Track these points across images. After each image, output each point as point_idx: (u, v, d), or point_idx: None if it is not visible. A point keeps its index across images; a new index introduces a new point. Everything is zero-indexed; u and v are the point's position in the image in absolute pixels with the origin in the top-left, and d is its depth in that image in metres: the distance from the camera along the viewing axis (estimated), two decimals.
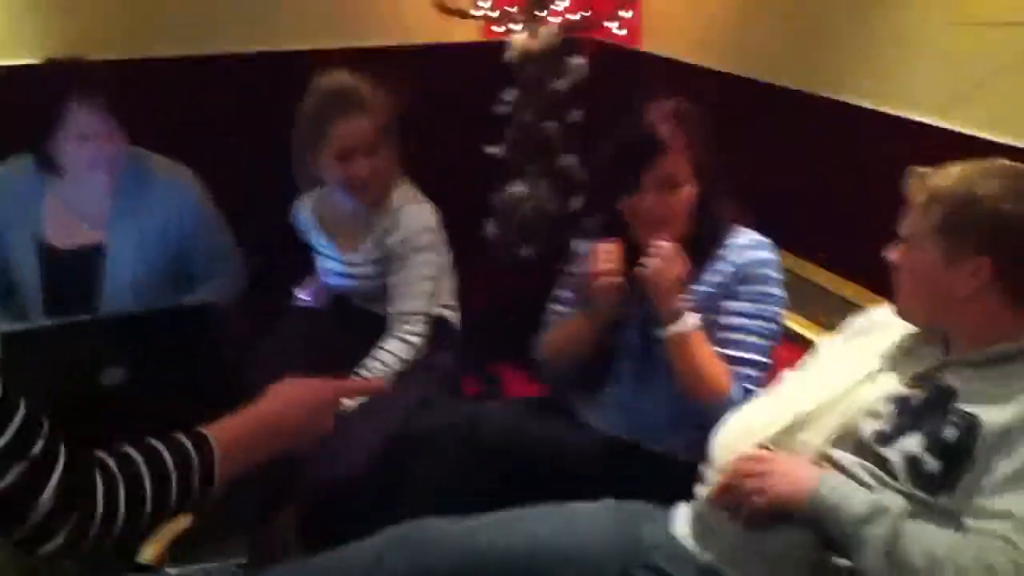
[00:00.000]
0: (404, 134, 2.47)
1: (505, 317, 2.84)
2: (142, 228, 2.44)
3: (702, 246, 2.06)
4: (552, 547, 1.73)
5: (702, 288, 2.04)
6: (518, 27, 3.10)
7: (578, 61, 3.13)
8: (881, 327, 1.79)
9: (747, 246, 2.06)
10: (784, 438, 1.67)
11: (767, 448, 1.66)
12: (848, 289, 2.44)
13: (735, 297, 2.03)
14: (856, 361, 1.75)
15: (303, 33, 3.18)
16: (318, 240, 2.60)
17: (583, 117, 3.20)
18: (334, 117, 2.36)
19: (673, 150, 2.00)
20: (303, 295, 2.65)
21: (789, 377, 1.88)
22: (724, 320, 2.02)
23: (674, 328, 1.97)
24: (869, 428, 1.62)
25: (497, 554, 1.71)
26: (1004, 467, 1.46)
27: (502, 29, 3.18)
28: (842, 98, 2.51)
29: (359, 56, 3.11)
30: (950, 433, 1.52)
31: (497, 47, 3.21)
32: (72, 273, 2.44)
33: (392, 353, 2.38)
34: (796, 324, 2.41)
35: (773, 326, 2.03)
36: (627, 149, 2.04)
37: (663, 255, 1.98)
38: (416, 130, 2.51)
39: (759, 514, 1.59)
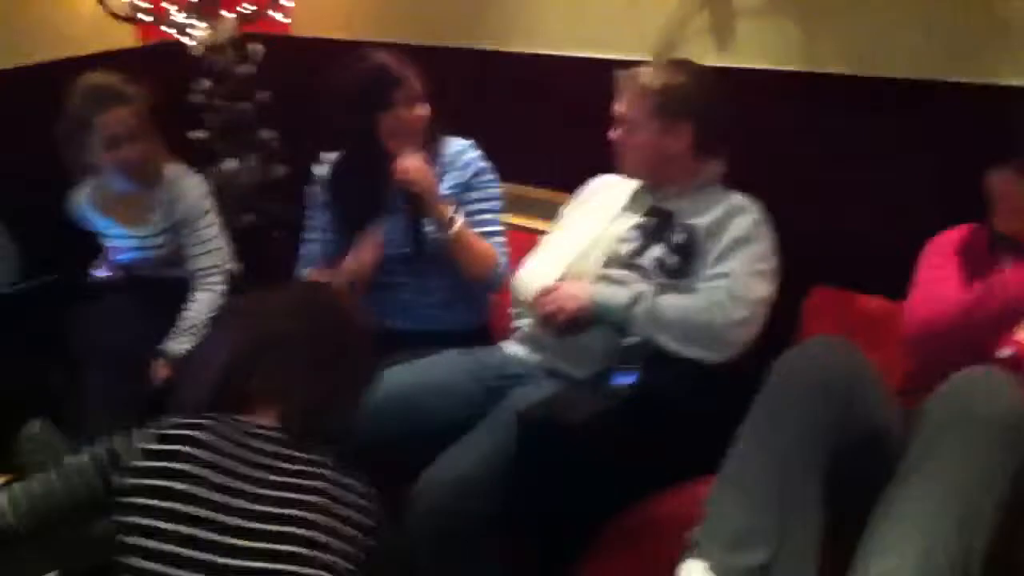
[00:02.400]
0: None
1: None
2: None
3: (435, 156, 2.62)
4: (424, 384, 2.33)
5: (447, 190, 2.59)
6: (201, 24, 3.54)
7: (256, 47, 3.63)
8: (605, 188, 2.57)
9: (463, 151, 2.64)
10: (571, 272, 2.40)
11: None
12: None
13: (473, 190, 2.62)
14: (597, 213, 2.50)
15: None
16: (101, 222, 2.93)
17: (269, 97, 3.70)
18: (99, 111, 2.72)
19: (406, 76, 2.55)
20: (98, 272, 2.97)
21: (548, 238, 2.60)
22: (471, 209, 2.60)
23: (453, 230, 2.52)
24: (624, 249, 2.39)
25: (385, 399, 2.25)
26: (714, 249, 2.28)
27: (173, 31, 3.60)
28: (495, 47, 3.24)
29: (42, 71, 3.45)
30: (679, 238, 2.33)
31: (174, 46, 3.62)
32: None
33: (204, 303, 2.82)
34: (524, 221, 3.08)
35: (499, 205, 2.66)
36: (372, 78, 2.54)
37: (418, 168, 2.48)
38: None
39: (564, 323, 2.30)
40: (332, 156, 2.73)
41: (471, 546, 2.05)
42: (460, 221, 2.54)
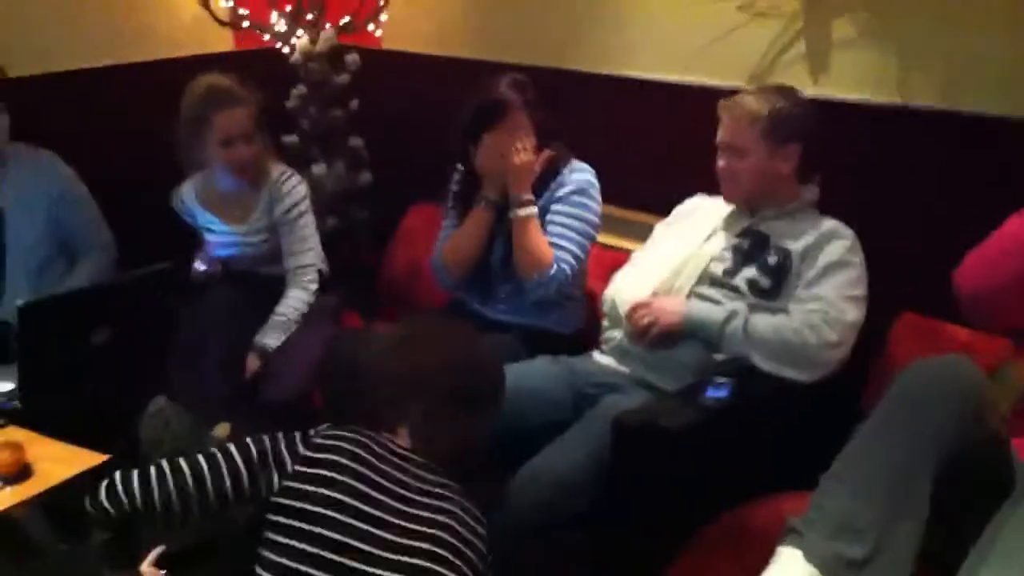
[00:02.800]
0: None
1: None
2: (33, 199, 2.85)
3: (544, 175, 2.74)
4: (517, 386, 2.40)
5: (543, 200, 2.70)
6: (300, 33, 3.66)
7: (352, 58, 3.75)
8: (698, 208, 2.65)
9: (576, 170, 2.75)
10: (662, 289, 2.47)
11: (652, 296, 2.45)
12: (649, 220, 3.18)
13: (562, 202, 2.71)
14: (690, 232, 2.58)
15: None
16: (204, 217, 3.05)
17: (359, 105, 3.81)
18: (217, 110, 2.84)
19: (515, 105, 2.68)
20: (199, 266, 3.08)
21: (638, 255, 2.67)
22: (552, 218, 2.69)
23: (521, 212, 2.63)
24: (718, 268, 2.46)
25: None
26: (808, 273, 2.35)
27: (267, 37, 3.72)
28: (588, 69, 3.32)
29: (144, 69, 3.58)
30: (772, 260, 2.40)
31: (270, 52, 3.74)
32: None
33: (300, 300, 2.92)
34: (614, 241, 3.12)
35: (589, 228, 2.71)
36: (480, 105, 2.70)
37: (526, 148, 2.65)
38: None
39: (656, 337, 2.38)
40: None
41: (564, 543, 2.12)
42: (531, 211, 2.64)
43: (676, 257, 2.52)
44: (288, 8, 3.64)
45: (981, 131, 2.57)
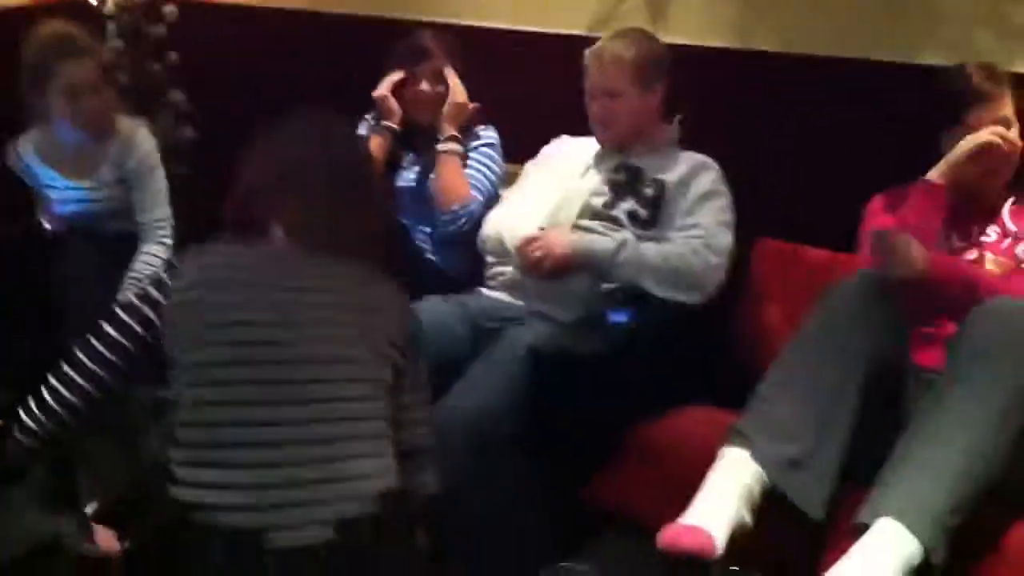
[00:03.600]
0: None
1: None
2: None
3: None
4: None
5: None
6: None
7: (170, 9, 3.60)
8: (565, 148, 2.78)
9: (489, 129, 2.94)
10: (546, 224, 2.57)
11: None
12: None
13: (479, 152, 2.88)
14: (563, 170, 2.70)
15: None
16: (46, 174, 2.87)
17: (179, 59, 3.68)
18: (61, 60, 2.69)
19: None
20: (46, 225, 2.90)
21: (511, 194, 2.76)
22: (470, 163, 2.86)
23: (444, 146, 2.78)
24: (598, 202, 2.58)
25: None
26: (684, 202, 2.52)
27: None
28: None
29: None
30: (649, 192, 2.55)
31: (78, 4, 3.54)
32: None
33: (156, 255, 2.82)
34: None
35: (497, 179, 2.89)
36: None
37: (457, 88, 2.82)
38: None
39: (548, 269, 2.48)
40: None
41: (494, 469, 2.20)
42: (459, 148, 2.82)
43: (554, 193, 2.63)
44: None
45: (814, 71, 2.81)
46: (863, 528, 1.76)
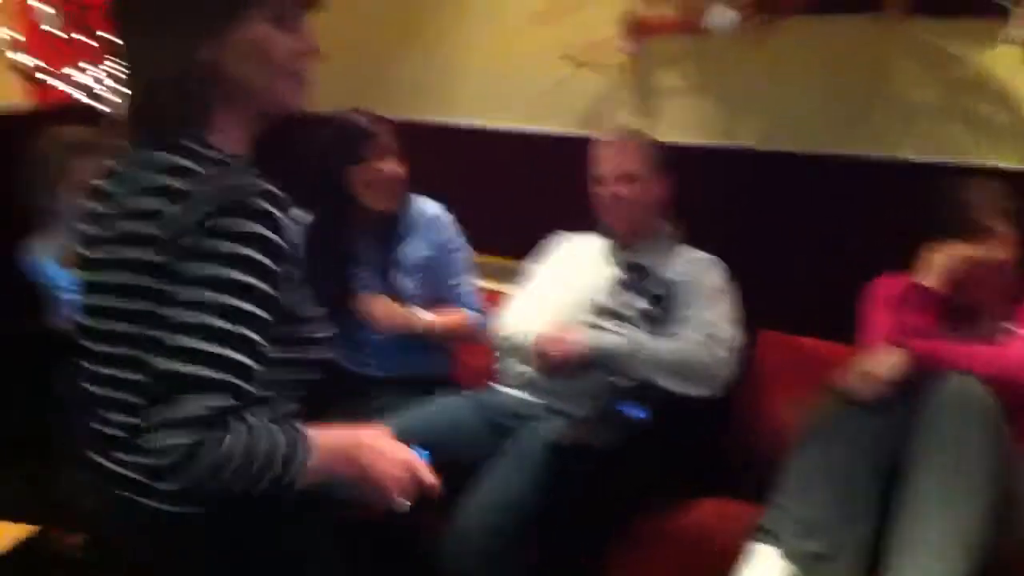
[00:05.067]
0: None
1: None
2: None
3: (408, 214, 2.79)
4: (434, 423, 2.50)
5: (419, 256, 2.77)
6: None
7: None
8: (568, 246, 2.85)
9: (438, 215, 2.81)
10: (558, 322, 2.64)
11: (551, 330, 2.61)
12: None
13: (448, 251, 2.82)
14: (569, 267, 2.77)
15: None
16: (63, 275, 2.84)
17: None
18: (75, 158, 2.72)
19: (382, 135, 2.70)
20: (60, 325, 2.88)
21: (518, 293, 2.82)
22: (447, 271, 2.81)
23: (420, 331, 2.70)
24: (607, 300, 2.66)
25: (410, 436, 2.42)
26: (692, 299, 2.60)
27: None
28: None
29: None
30: (656, 289, 2.63)
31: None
32: None
33: None
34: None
35: (469, 264, 2.86)
36: (350, 134, 2.68)
37: (383, 311, 2.67)
38: None
39: (564, 367, 2.53)
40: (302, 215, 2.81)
41: (512, 562, 2.27)
42: (424, 321, 2.72)
43: (563, 292, 2.70)
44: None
45: (798, 167, 2.93)
46: None
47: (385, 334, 2.70)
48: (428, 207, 2.83)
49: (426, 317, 2.73)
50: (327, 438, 1.37)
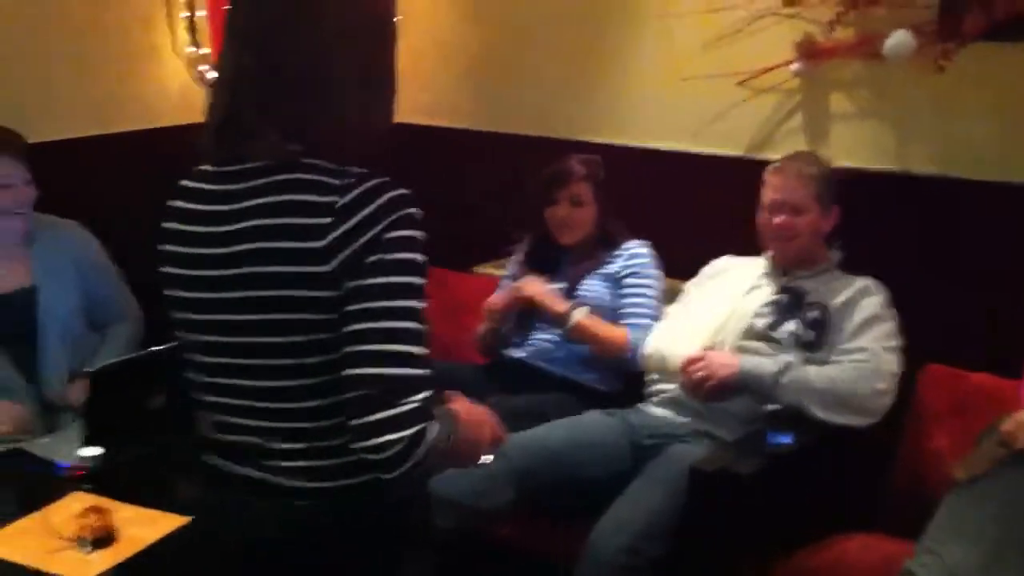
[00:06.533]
0: None
1: None
2: (62, 271, 2.77)
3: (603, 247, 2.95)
4: (576, 439, 2.52)
5: (604, 273, 2.92)
6: None
7: None
8: (728, 268, 2.82)
9: (634, 246, 2.96)
10: (709, 343, 2.61)
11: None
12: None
13: (629, 276, 2.91)
14: (726, 290, 2.74)
15: None
16: None
17: None
18: None
19: (577, 177, 2.88)
20: None
21: (672, 313, 2.81)
22: (626, 292, 2.89)
23: (567, 326, 2.81)
24: (760, 323, 2.61)
25: (550, 453, 2.47)
26: (849, 326, 2.52)
27: None
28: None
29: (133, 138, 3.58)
30: (812, 314, 2.56)
31: None
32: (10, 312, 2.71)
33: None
34: None
35: (653, 292, 2.91)
36: (548, 175, 2.91)
37: (527, 282, 2.88)
38: None
39: (712, 390, 2.51)
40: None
41: None
42: (577, 317, 2.80)
43: (718, 313, 2.67)
44: None
45: (970, 195, 2.81)
46: None
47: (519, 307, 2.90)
48: (631, 246, 2.96)
49: (579, 313, 2.80)
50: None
